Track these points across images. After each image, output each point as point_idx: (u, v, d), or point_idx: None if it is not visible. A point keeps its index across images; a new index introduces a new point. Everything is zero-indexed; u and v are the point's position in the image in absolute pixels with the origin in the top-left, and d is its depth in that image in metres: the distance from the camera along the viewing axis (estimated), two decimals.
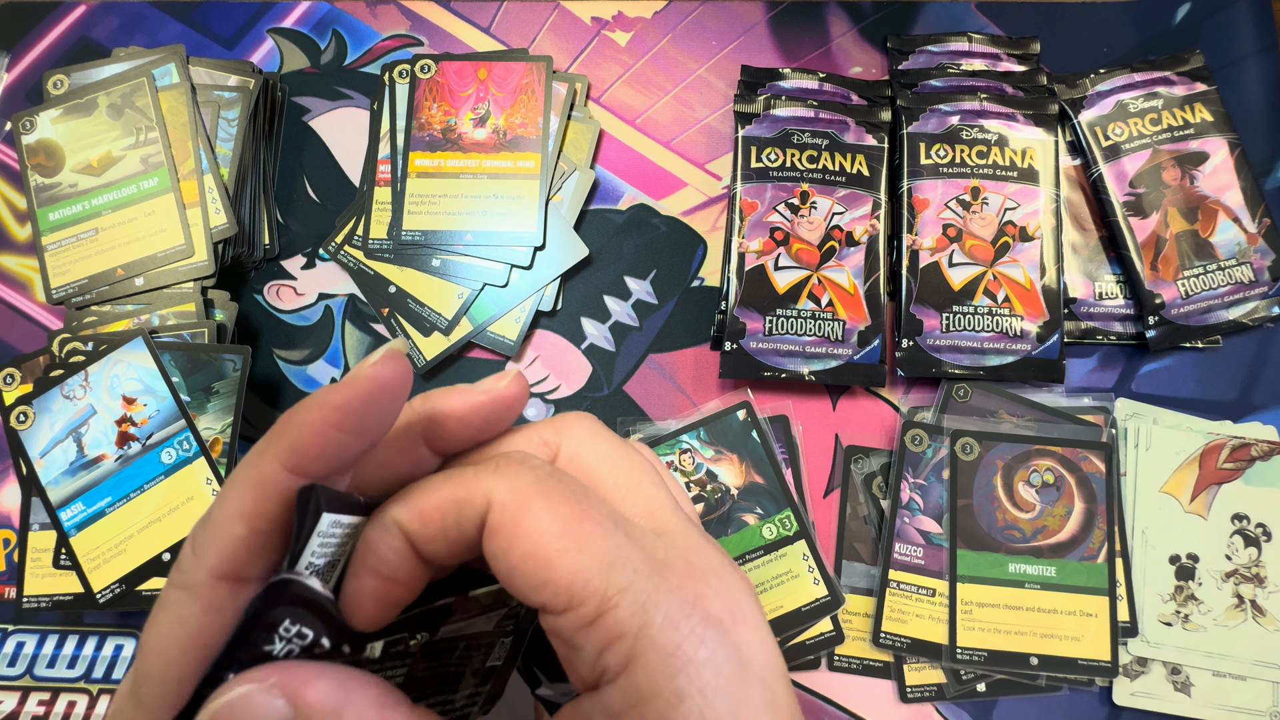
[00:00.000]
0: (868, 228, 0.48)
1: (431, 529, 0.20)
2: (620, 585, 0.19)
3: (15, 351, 0.50)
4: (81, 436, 0.44)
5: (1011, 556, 0.43)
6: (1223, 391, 0.47)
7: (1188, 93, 0.49)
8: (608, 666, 0.19)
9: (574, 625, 0.19)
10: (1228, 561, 0.44)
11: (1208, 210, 0.47)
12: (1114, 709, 0.43)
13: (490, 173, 0.50)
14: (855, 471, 0.47)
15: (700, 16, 0.54)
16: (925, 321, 0.46)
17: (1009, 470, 0.44)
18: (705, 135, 0.52)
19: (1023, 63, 0.51)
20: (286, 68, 0.54)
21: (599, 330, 0.50)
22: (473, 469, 0.20)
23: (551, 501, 0.20)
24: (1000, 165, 0.48)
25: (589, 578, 0.19)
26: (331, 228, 0.51)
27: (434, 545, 0.20)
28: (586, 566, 0.19)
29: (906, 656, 0.44)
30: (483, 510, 0.20)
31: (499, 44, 0.54)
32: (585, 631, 0.19)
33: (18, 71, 0.54)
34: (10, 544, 0.47)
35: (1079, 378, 0.48)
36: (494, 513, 0.19)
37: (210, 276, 0.47)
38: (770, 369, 0.46)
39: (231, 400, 0.45)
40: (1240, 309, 0.46)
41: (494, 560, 0.20)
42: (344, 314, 0.50)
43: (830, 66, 0.53)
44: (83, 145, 0.49)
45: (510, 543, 0.19)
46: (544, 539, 0.19)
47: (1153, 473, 0.45)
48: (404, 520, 0.20)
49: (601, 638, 0.19)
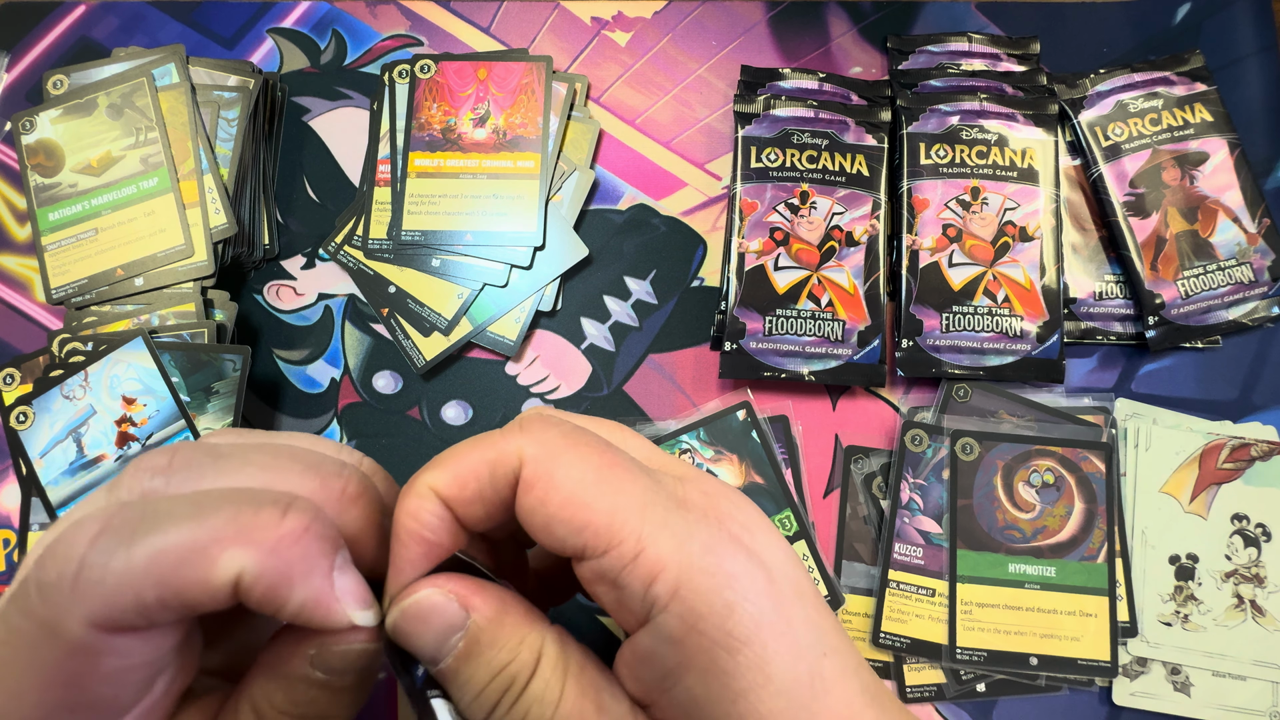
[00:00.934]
0: (868, 228, 0.48)
1: (468, 491, 0.21)
2: (656, 521, 0.20)
3: (15, 351, 0.50)
4: (81, 437, 0.44)
5: (1011, 557, 0.43)
6: (1223, 391, 0.47)
7: (1188, 93, 0.49)
8: (658, 596, 0.20)
9: (617, 564, 0.20)
10: (1227, 561, 0.44)
11: (1208, 210, 0.47)
12: (1114, 709, 0.43)
13: (490, 173, 0.50)
14: (855, 471, 0.47)
15: (700, 16, 0.54)
16: (925, 322, 0.46)
17: (1009, 470, 0.44)
18: (705, 135, 0.52)
19: (1023, 63, 0.51)
20: (286, 68, 0.54)
21: (599, 330, 0.50)
22: (498, 432, 0.22)
23: (581, 452, 0.21)
24: (1000, 165, 0.48)
25: (626, 517, 0.20)
26: (331, 228, 0.51)
27: (471, 508, 0.21)
28: (623, 506, 0.20)
29: (906, 656, 0.44)
30: (515, 468, 0.21)
31: (499, 44, 0.54)
32: (630, 569, 0.20)
33: (18, 71, 0.54)
34: (10, 544, 0.47)
35: (1079, 378, 0.48)
36: (528, 467, 0.21)
37: (210, 276, 0.47)
38: (770, 369, 0.46)
39: (231, 400, 0.45)
40: (1240, 309, 0.46)
41: (530, 514, 0.21)
42: (344, 314, 0.50)
43: (830, 66, 0.53)
44: (83, 145, 0.49)
45: (547, 492, 0.20)
46: (579, 485, 0.20)
47: (1153, 473, 0.45)
48: (440, 486, 0.21)
49: (647, 571, 0.20)
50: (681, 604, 0.20)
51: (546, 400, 0.49)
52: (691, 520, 0.21)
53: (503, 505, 0.21)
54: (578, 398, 0.49)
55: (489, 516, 0.22)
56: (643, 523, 0.20)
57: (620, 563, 0.20)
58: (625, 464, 0.21)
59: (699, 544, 0.21)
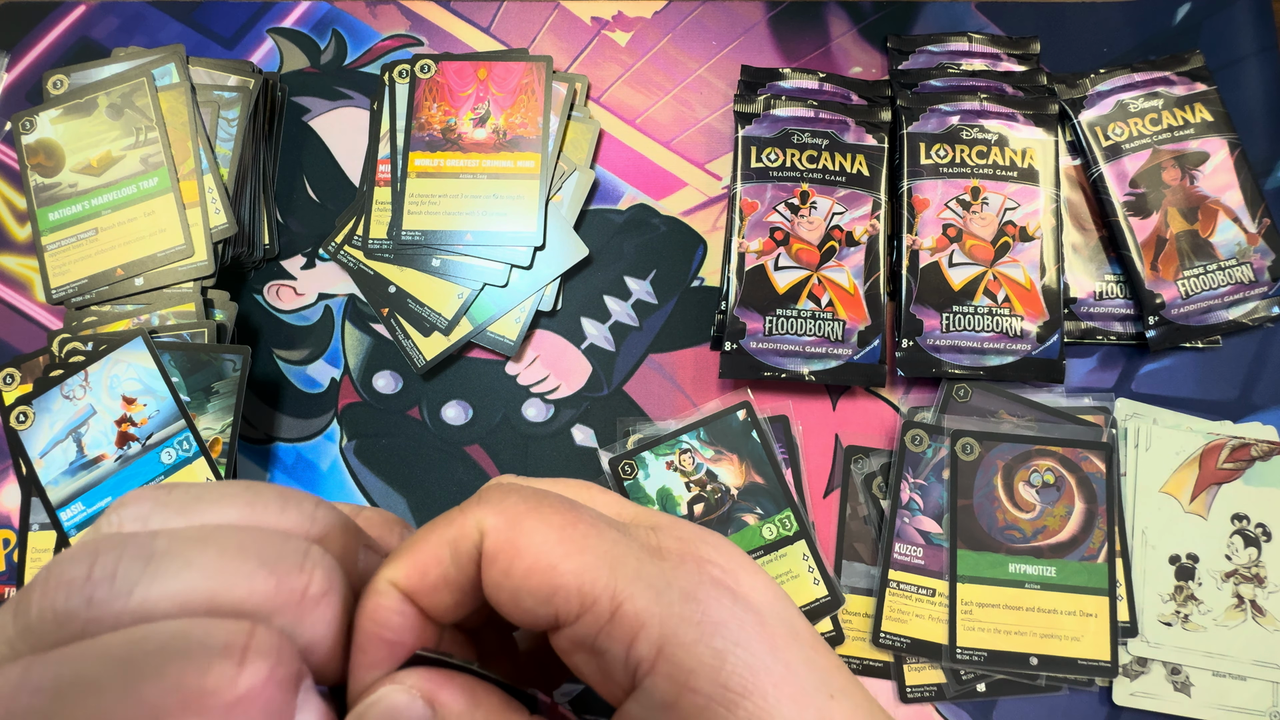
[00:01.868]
0: (868, 228, 0.48)
1: (431, 578, 0.19)
2: (629, 576, 0.19)
3: (15, 351, 0.50)
4: (81, 436, 0.44)
5: (1011, 557, 0.43)
6: (1223, 391, 0.47)
7: (1188, 93, 0.49)
8: (641, 657, 0.19)
9: (593, 628, 0.19)
10: (1228, 561, 0.44)
11: (1208, 210, 0.47)
12: (1114, 709, 0.43)
13: (490, 173, 0.50)
14: (855, 471, 0.47)
15: (700, 16, 0.54)
16: (925, 321, 0.46)
17: (1009, 470, 0.44)
18: (705, 135, 0.52)
19: (1023, 63, 0.51)
20: (286, 68, 0.54)
21: (599, 330, 0.50)
22: (457, 509, 0.20)
23: (544, 515, 0.20)
24: (1000, 165, 0.48)
25: (595, 576, 0.19)
26: (331, 228, 0.51)
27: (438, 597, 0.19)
28: (591, 565, 0.19)
29: (906, 656, 0.44)
30: (477, 542, 0.19)
31: (499, 44, 0.54)
32: (607, 630, 0.19)
33: (18, 71, 0.54)
34: (10, 544, 0.47)
35: (1079, 378, 0.48)
36: (489, 539, 0.19)
37: (210, 276, 0.47)
38: (770, 369, 0.46)
39: (231, 400, 0.45)
40: (1240, 309, 0.46)
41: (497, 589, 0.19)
42: (344, 314, 0.50)
43: (830, 66, 0.53)
44: (83, 145, 0.49)
45: (511, 562, 0.19)
46: (543, 549, 0.19)
47: (1153, 473, 0.45)
48: (399, 579, 0.19)
49: (626, 631, 0.19)
50: (668, 662, 0.18)
51: (547, 400, 0.49)
52: (668, 569, 0.20)
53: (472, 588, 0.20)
54: (578, 398, 0.49)
55: (458, 604, 0.20)
56: (615, 578, 0.19)
57: (596, 625, 0.19)
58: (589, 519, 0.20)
59: (678, 592, 0.19)
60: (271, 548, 0.17)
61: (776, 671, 0.19)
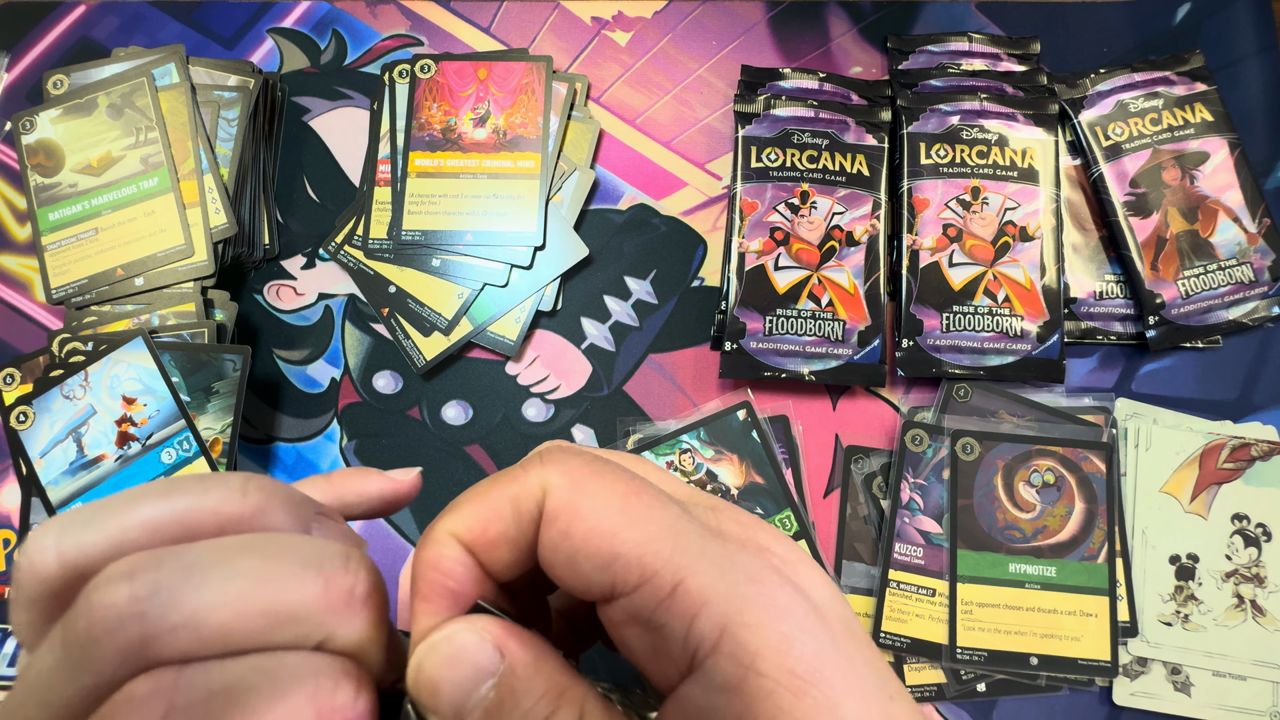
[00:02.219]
0: (868, 228, 0.48)
1: (492, 533, 0.19)
2: (693, 551, 0.18)
3: (15, 351, 0.50)
4: (81, 436, 0.44)
5: (1012, 556, 0.43)
6: (1223, 391, 0.47)
7: (1188, 93, 0.49)
8: (703, 636, 0.18)
9: (651, 600, 0.18)
10: (1228, 561, 0.44)
11: (1208, 210, 0.47)
12: (1114, 709, 0.43)
13: (490, 173, 0.50)
14: (855, 471, 0.47)
15: (700, 16, 0.54)
16: (925, 321, 0.46)
17: (1009, 470, 0.44)
18: (705, 135, 0.52)
19: (1023, 63, 0.51)
20: (286, 68, 0.54)
21: (599, 330, 0.50)
22: (517, 466, 0.20)
23: (607, 481, 0.19)
24: (1000, 165, 0.48)
25: (659, 547, 0.18)
26: (331, 228, 0.51)
27: (497, 552, 0.19)
28: (655, 536, 0.18)
29: (906, 656, 0.44)
30: (539, 501, 0.19)
31: (499, 44, 0.54)
32: (666, 605, 0.18)
33: (18, 71, 0.54)
34: (10, 544, 0.47)
35: (1079, 378, 0.48)
36: (551, 498, 0.19)
37: (210, 276, 0.47)
38: (770, 369, 0.46)
39: (231, 400, 0.45)
40: (1240, 309, 0.46)
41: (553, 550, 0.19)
42: (344, 314, 0.50)
43: (830, 66, 0.53)
44: (83, 145, 0.49)
45: (571, 524, 0.19)
46: (606, 514, 0.18)
47: (1153, 473, 0.45)
48: (461, 530, 0.19)
49: (687, 607, 0.18)
50: (732, 642, 0.17)
51: (547, 400, 0.49)
52: (731, 549, 0.19)
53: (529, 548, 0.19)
54: (578, 398, 0.49)
55: (515, 561, 0.20)
56: (677, 552, 0.18)
57: (655, 598, 0.18)
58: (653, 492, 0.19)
59: (743, 573, 0.18)
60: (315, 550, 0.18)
61: (841, 665, 0.18)
